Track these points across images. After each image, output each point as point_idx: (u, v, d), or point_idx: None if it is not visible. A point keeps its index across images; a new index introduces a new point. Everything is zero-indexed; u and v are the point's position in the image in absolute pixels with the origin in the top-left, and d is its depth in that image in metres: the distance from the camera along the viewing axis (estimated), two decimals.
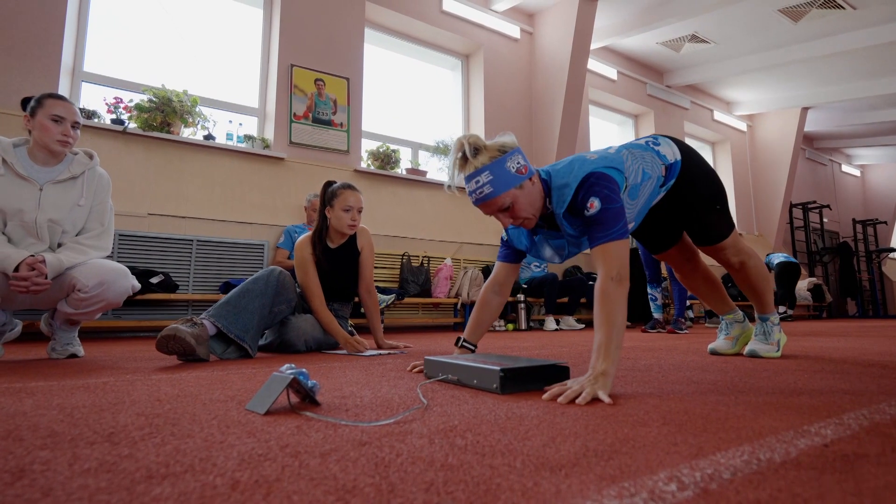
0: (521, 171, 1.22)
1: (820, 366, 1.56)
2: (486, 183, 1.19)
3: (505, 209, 1.23)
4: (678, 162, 1.52)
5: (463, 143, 1.22)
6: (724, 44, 6.64)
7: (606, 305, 1.10)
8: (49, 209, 1.78)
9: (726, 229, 1.64)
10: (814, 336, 3.20)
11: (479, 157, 1.20)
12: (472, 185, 1.22)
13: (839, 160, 11.27)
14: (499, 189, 1.19)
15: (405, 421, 0.82)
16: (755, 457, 0.61)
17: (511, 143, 1.24)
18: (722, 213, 1.63)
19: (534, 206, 1.26)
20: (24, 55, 3.30)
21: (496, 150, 1.21)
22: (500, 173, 1.19)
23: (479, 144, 1.22)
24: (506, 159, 1.21)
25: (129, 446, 0.67)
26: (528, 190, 1.24)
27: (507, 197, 1.21)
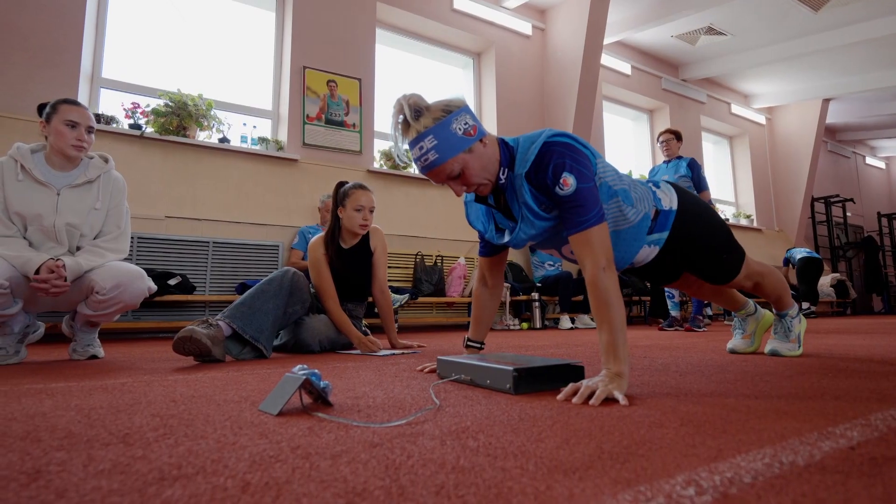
0: (469, 133, 1.09)
1: (844, 365, 1.52)
2: (431, 149, 1.06)
3: (455, 176, 1.11)
4: (673, 212, 1.36)
5: (402, 104, 1.08)
6: (741, 35, 6.50)
7: (604, 301, 1.05)
8: (67, 213, 1.82)
9: (735, 269, 1.51)
10: (837, 333, 3.12)
11: (422, 119, 1.08)
12: (415, 151, 1.09)
13: (863, 152, 10.97)
14: (445, 154, 1.07)
15: (417, 422, 0.81)
16: (777, 460, 0.59)
17: (457, 101, 1.11)
18: (730, 257, 1.49)
19: (487, 170, 1.14)
20: (44, 63, 3.38)
21: (440, 111, 1.08)
22: (446, 136, 1.06)
23: (421, 105, 1.09)
24: (451, 120, 1.07)
25: (143, 447, 0.68)
26: (478, 153, 1.11)
27: (456, 163, 1.09)
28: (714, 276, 1.50)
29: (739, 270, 1.52)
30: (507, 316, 4.61)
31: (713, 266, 1.48)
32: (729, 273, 1.51)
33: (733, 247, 1.50)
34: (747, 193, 8.48)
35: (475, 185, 1.14)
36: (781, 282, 1.68)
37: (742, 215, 8.25)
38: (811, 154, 8.43)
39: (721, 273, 1.50)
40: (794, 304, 1.76)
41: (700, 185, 3.83)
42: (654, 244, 1.37)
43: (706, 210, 1.46)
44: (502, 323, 4.60)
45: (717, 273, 1.50)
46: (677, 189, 1.43)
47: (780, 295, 1.70)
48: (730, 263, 1.50)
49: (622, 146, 7.36)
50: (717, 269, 1.48)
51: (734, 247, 1.50)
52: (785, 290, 1.70)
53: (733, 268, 1.51)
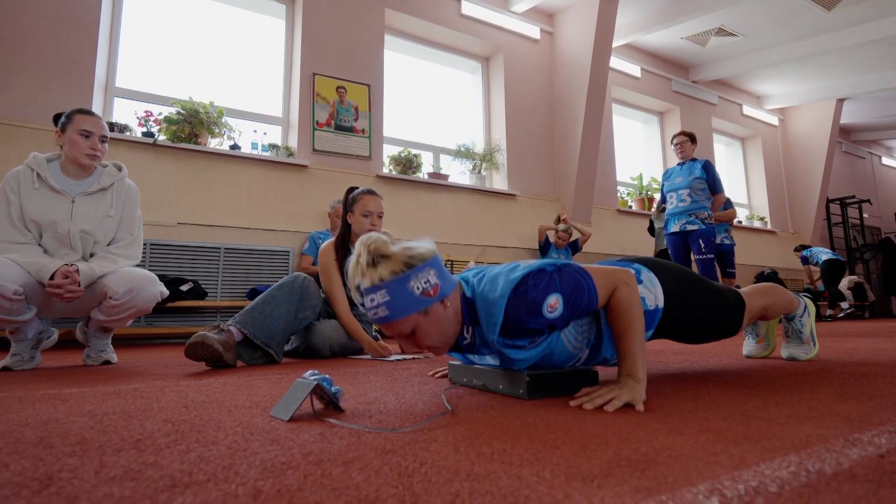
0: (427, 294, 0.98)
1: (866, 369, 1.48)
2: (382, 304, 0.96)
3: (407, 335, 1.02)
4: (658, 311, 1.21)
5: (361, 248, 0.99)
6: (752, 36, 6.44)
7: (625, 310, 1.03)
8: (81, 220, 1.84)
9: (737, 323, 1.43)
10: (857, 337, 3.05)
11: (379, 268, 0.97)
12: (367, 300, 0.99)
13: (879, 152, 10.79)
14: (396, 314, 0.97)
15: (429, 428, 0.80)
16: (803, 468, 0.57)
17: (424, 253, 1.00)
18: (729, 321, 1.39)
19: (442, 333, 1.03)
20: (59, 73, 3.44)
21: (400, 264, 0.98)
22: (401, 294, 0.96)
23: (381, 252, 0.98)
24: (409, 277, 0.97)
25: (154, 453, 0.67)
26: (435, 316, 1.01)
27: (406, 324, 0.99)
28: (718, 338, 1.44)
29: (742, 322, 1.45)
30: None
31: (711, 335, 1.40)
32: (732, 329, 1.43)
33: (727, 311, 1.38)
34: (761, 195, 8.37)
35: (427, 346, 1.05)
36: (785, 299, 1.63)
37: (756, 217, 8.14)
38: (825, 155, 8.30)
39: (724, 335, 1.43)
40: (800, 302, 1.71)
41: (715, 188, 3.78)
42: None
43: (693, 288, 1.31)
44: None
45: (720, 336, 1.43)
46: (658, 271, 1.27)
47: (787, 308, 1.66)
48: (730, 324, 1.41)
49: (633, 150, 7.31)
50: (715, 335, 1.41)
51: (728, 310, 1.39)
52: (789, 303, 1.65)
53: (734, 324, 1.43)
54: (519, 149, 5.56)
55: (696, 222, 3.74)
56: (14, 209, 1.78)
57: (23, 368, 1.79)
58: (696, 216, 3.75)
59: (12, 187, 1.80)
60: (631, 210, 6.38)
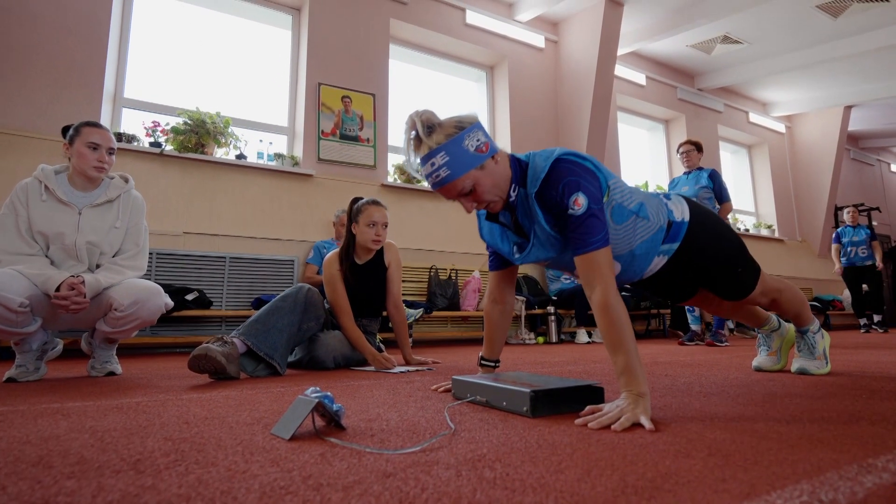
0: (481, 150, 1.09)
1: (878, 385, 1.45)
2: (443, 165, 1.06)
3: (466, 193, 1.11)
4: (685, 224, 1.35)
5: (415, 120, 1.08)
6: (758, 43, 6.42)
7: (617, 323, 1.02)
8: (88, 232, 1.85)
9: (751, 284, 1.47)
10: (868, 349, 3.00)
11: (434, 135, 1.07)
12: (427, 167, 1.08)
13: (888, 159, 10.69)
14: (457, 171, 1.06)
15: (432, 448, 0.79)
16: (816, 497, 0.55)
17: (470, 118, 1.11)
18: (744, 271, 1.45)
19: (498, 187, 1.13)
20: (68, 84, 3.48)
21: (452, 128, 1.08)
22: (458, 153, 1.06)
23: (434, 121, 1.09)
24: (463, 137, 1.07)
25: (153, 475, 0.66)
26: (490, 170, 1.11)
27: (468, 179, 1.08)
28: (729, 290, 1.46)
29: (755, 285, 1.47)
30: (522, 330, 4.56)
31: (727, 280, 1.44)
32: (744, 288, 1.46)
33: (747, 261, 1.46)
34: (768, 203, 8.31)
35: (486, 202, 1.14)
36: (799, 297, 1.62)
37: (763, 226, 8.08)
38: (833, 162, 8.24)
39: (736, 287, 1.46)
40: (815, 320, 1.70)
41: (722, 197, 3.76)
42: (663, 254, 1.36)
43: (718, 222, 1.44)
44: (517, 337, 4.54)
45: (731, 287, 1.45)
46: (688, 201, 1.42)
47: (799, 311, 1.64)
48: (744, 277, 1.45)
49: (638, 157, 7.29)
50: (731, 283, 1.44)
51: (748, 261, 1.47)
52: (803, 306, 1.63)
53: (748, 282, 1.46)
54: None
55: None
56: (22, 221, 1.79)
57: (28, 380, 1.79)
58: None
59: (21, 199, 1.81)
60: None
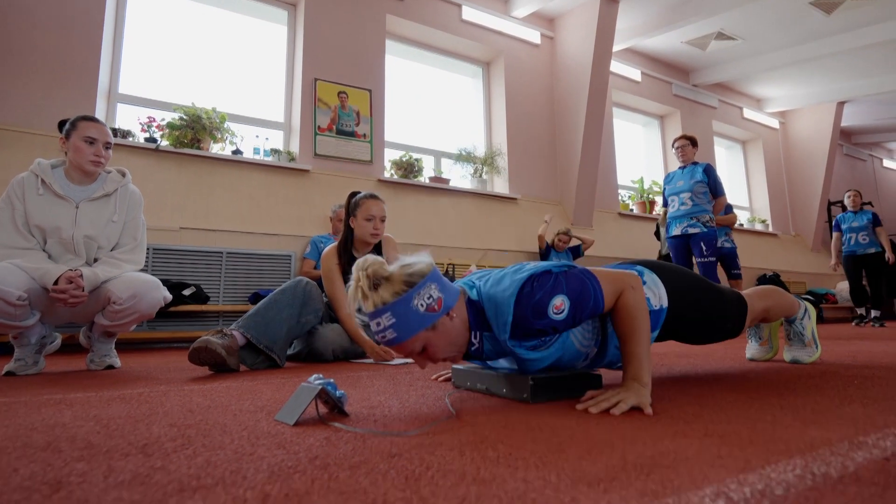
0: (432, 309, 0.98)
1: (870, 372, 1.48)
2: (389, 326, 0.96)
3: (419, 352, 1.02)
4: (663, 311, 1.22)
5: (359, 274, 0.98)
6: (752, 40, 6.46)
7: (630, 314, 1.03)
8: (85, 226, 1.85)
9: (739, 328, 1.44)
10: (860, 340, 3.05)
11: (381, 291, 0.97)
12: (374, 325, 0.98)
13: (880, 155, 10.78)
14: (404, 334, 0.97)
15: (434, 432, 0.80)
16: (809, 471, 0.57)
17: (423, 269, 1.00)
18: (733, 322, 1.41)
19: (454, 344, 1.05)
20: (63, 80, 3.46)
21: (401, 284, 0.97)
22: (405, 314, 0.96)
23: (381, 275, 0.98)
24: (412, 297, 0.96)
25: (161, 458, 0.67)
26: (443, 329, 1.01)
27: (417, 342, 0.99)
28: (721, 339, 1.45)
29: (744, 323, 1.45)
30: None
31: (714, 336, 1.41)
32: (735, 330, 1.44)
33: (730, 312, 1.40)
34: (762, 198, 8.36)
35: (441, 359, 1.05)
36: (785, 303, 1.63)
37: (757, 220, 8.14)
38: (826, 158, 8.30)
39: (727, 335, 1.44)
40: (800, 305, 1.72)
41: (716, 191, 3.79)
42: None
43: (695, 287, 1.33)
44: None
45: (723, 336, 1.44)
46: (661, 273, 1.28)
47: (787, 311, 1.66)
48: (733, 324, 1.42)
49: (633, 153, 7.32)
50: (718, 335, 1.42)
51: (731, 311, 1.40)
52: (790, 306, 1.65)
53: (737, 325, 1.44)
54: (520, 152, 5.57)
55: (698, 225, 3.74)
56: (18, 215, 1.79)
57: (27, 373, 1.79)
58: (698, 219, 3.75)
59: (17, 193, 1.81)
60: (632, 213, 6.39)
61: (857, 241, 5.40)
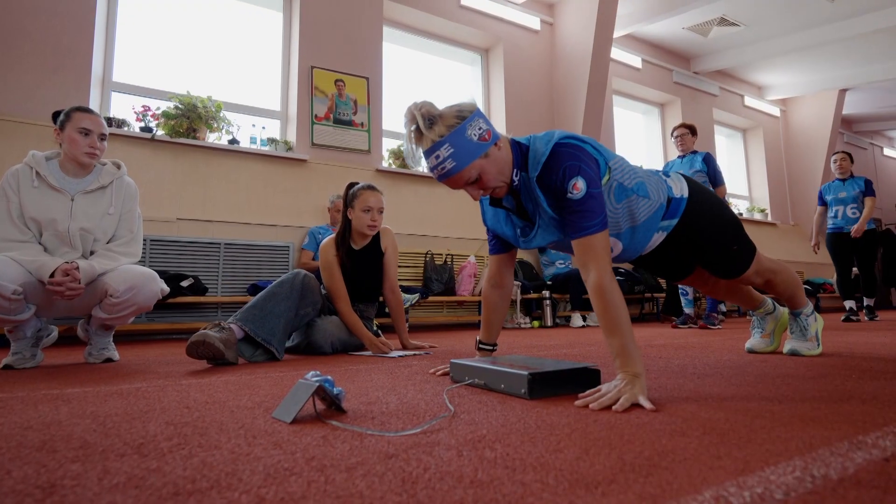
0: (483, 139, 1.09)
1: (868, 365, 1.48)
2: (448, 157, 1.06)
3: (473, 182, 1.11)
4: (683, 199, 1.36)
5: (414, 113, 1.07)
6: (754, 26, 6.38)
7: (612, 305, 1.03)
8: (80, 218, 1.83)
9: (746, 262, 1.49)
10: (857, 330, 3.05)
11: (436, 127, 1.07)
12: (431, 160, 1.08)
13: (881, 143, 10.73)
14: (462, 162, 1.06)
15: (432, 430, 0.80)
16: (808, 473, 0.57)
17: (469, 106, 1.11)
18: (740, 249, 1.47)
19: (502, 173, 1.15)
20: (56, 68, 3.41)
21: (454, 118, 1.07)
22: (462, 144, 1.06)
23: (434, 113, 1.08)
24: (465, 127, 1.07)
25: (157, 459, 0.67)
26: (494, 157, 1.11)
27: (473, 169, 1.08)
28: (724, 268, 1.49)
29: (750, 264, 1.50)
30: (517, 314, 4.59)
31: (723, 257, 1.46)
32: (739, 266, 1.49)
33: (743, 239, 1.48)
34: (762, 187, 8.34)
35: (491, 188, 1.15)
36: (794, 279, 1.64)
37: (756, 210, 8.12)
38: (827, 146, 8.25)
39: (731, 265, 1.48)
40: (809, 303, 1.72)
41: (716, 180, 3.77)
42: (662, 230, 1.38)
43: (716, 200, 1.46)
44: (513, 321, 4.57)
45: (726, 265, 1.48)
46: (687, 179, 1.43)
47: (793, 293, 1.66)
48: (740, 255, 1.48)
49: (633, 141, 7.27)
50: (726, 260, 1.47)
51: (744, 239, 1.48)
52: (798, 288, 1.66)
53: (743, 260, 1.49)
54: None
55: None
56: (14, 207, 1.77)
57: (24, 367, 1.79)
58: None
59: (11, 185, 1.79)
60: None
61: (844, 215, 4.44)
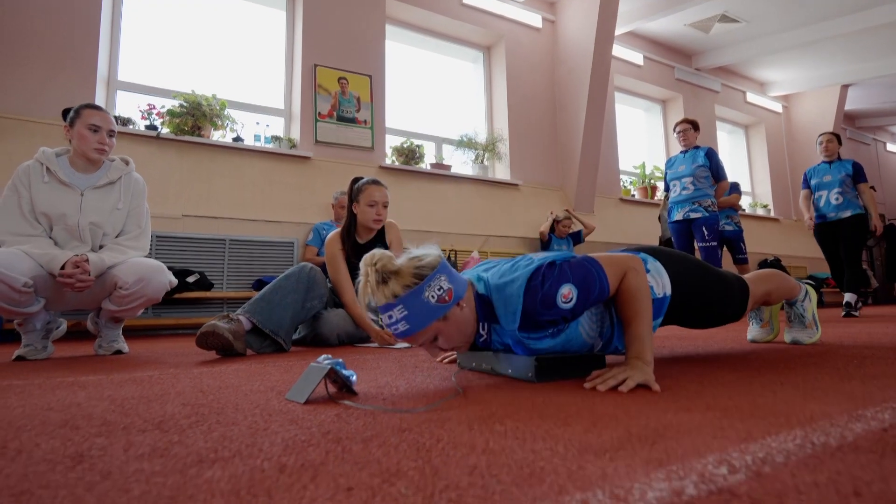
0: (443, 300, 1.00)
1: (869, 351, 1.49)
2: (401, 319, 0.99)
3: (431, 342, 1.06)
4: (667, 298, 1.21)
5: (367, 269, 0.99)
6: (756, 22, 6.38)
7: (633, 295, 1.05)
8: (90, 213, 1.86)
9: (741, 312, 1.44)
10: (860, 323, 3.07)
11: (391, 284, 0.99)
12: (385, 318, 1.01)
13: (883, 139, 10.71)
14: (417, 325, 1.00)
15: (442, 409, 0.82)
16: (809, 441, 0.59)
17: (431, 262, 1.02)
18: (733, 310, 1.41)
19: (464, 333, 1.08)
20: (62, 67, 3.44)
21: (410, 277, 0.99)
22: (417, 305, 0.99)
23: (389, 269, 0.99)
24: (423, 288, 0.99)
25: (178, 433, 0.69)
26: (454, 318, 1.04)
27: (429, 332, 1.03)
28: (721, 323, 1.46)
29: (745, 311, 1.47)
30: None
31: (716, 320, 1.43)
32: (734, 317, 1.46)
33: (732, 296, 1.40)
34: (764, 183, 8.34)
35: (451, 348, 1.09)
36: (787, 286, 1.64)
37: (758, 205, 8.12)
38: None
39: (725, 320, 1.45)
40: (801, 288, 1.73)
41: (718, 175, 3.78)
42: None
43: (698, 275, 1.32)
44: None
45: (721, 322, 1.45)
46: (664, 259, 1.28)
47: (788, 294, 1.68)
48: (732, 312, 1.43)
49: (635, 138, 7.28)
50: (720, 320, 1.43)
51: (733, 296, 1.40)
52: (791, 289, 1.67)
53: (737, 313, 1.45)
54: (521, 138, 5.54)
55: (700, 210, 3.74)
56: (24, 202, 1.80)
57: (36, 358, 1.82)
58: (700, 204, 3.75)
59: (22, 181, 1.82)
60: (634, 199, 6.38)
61: (827, 201, 3.96)
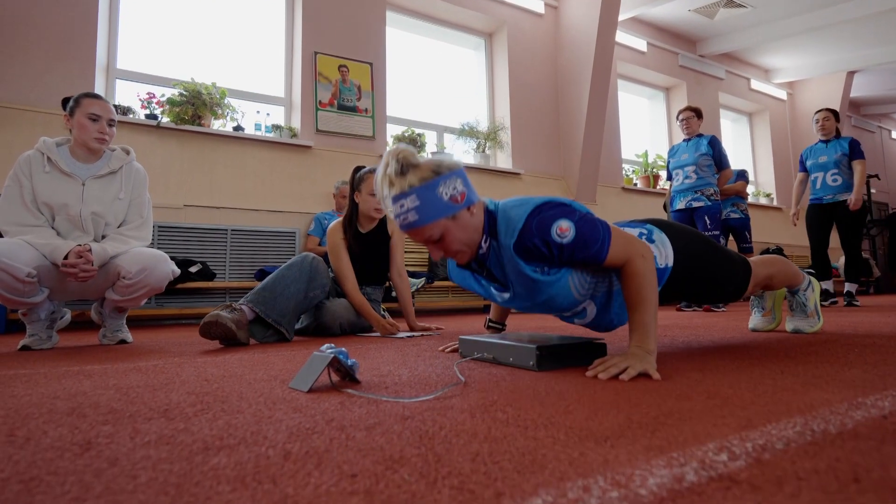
0: (455, 199, 1.03)
1: (871, 341, 1.50)
2: (412, 209, 1.01)
3: (435, 240, 1.06)
4: (668, 269, 1.23)
5: (391, 157, 1.03)
6: (761, 7, 6.29)
7: (640, 283, 1.05)
8: (92, 202, 1.86)
9: (742, 290, 1.44)
10: (861, 312, 3.07)
11: (408, 176, 1.02)
12: (396, 208, 1.03)
13: (889, 126, 10.62)
14: (425, 217, 1.01)
15: (445, 397, 0.83)
16: (809, 428, 0.59)
17: (450, 164, 1.06)
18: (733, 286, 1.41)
19: (468, 238, 1.08)
20: (61, 56, 3.42)
21: (429, 171, 1.03)
22: (430, 199, 1.01)
23: (410, 161, 1.03)
24: (438, 183, 1.02)
25: (183, 421, 0.70)
26: (462, 221, 1.06)
27: (436, 228, 1.03)
28: (724, 299, 1.46)
29: (746, 289, 1.47)
30: None
31: (717, 296, 1.43)
32: (736, 295, 1.46)
33: (735, 274, 1.41)
34: (767, 172, 8.29)
35: (453, 252, 1.09)
36: (789, 272, 1.64)
37: (762, 194, 8.08)
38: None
39: (728, 297, 1.45)
40: (804, 277, 1.73)
41: (721, 163, 3.76)
42: None
43: (702, 249, 1.33)
44: None
45: (725, 297, 1.45)
46: (669, 232, 1.29)
47: (791, 281, 1.68)
48: (734, 289, 1.44)
49: (638, 126, 7.23)
50: (723, 296, 1.43)
51: (735, 273, 1.41)
52: (794, 275, 1.67)
53: (739, 290, 1.45)
54: (523, 127, 5.51)
55: (702, 199, 3.73)
56: (26, 192, 1.80)
57: (41, 347, 1.83)
58: (702, 192, 3.73)
59: (24, 171, 1.82)
60: (636, 188, 6.35)
61: (823, 183, 3.84)
